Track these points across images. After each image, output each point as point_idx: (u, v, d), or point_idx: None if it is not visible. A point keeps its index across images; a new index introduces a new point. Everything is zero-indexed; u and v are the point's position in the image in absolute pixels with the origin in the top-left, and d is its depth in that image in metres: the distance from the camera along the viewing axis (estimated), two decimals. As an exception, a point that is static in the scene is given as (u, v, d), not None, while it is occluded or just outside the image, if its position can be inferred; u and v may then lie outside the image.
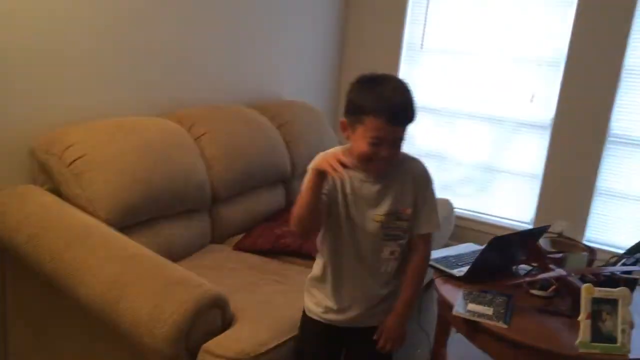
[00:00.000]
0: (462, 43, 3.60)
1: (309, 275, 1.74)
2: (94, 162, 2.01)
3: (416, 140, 3.75)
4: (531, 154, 3.51)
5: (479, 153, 3.68)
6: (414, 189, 1.62)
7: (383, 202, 1.59)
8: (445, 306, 1.95)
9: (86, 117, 2.23)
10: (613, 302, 1.72)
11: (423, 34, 3.70)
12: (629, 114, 3.19)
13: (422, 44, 3.72)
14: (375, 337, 1.65)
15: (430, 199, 1.66)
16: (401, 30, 3.75)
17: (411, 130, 1.56)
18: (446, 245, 2.75)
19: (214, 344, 1.67)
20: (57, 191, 2.07)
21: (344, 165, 1.39)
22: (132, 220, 2.08)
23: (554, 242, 2.46)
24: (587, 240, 3.33)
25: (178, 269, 1.77)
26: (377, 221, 1.59)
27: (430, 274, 2.29)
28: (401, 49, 3.78)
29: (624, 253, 2.66)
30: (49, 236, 1.86)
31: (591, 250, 2.31)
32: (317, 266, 1.71)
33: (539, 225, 3.34)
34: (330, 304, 1.66)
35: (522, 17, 3.40)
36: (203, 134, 2.49)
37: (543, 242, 2.39)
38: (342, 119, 1.56)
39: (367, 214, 1.59)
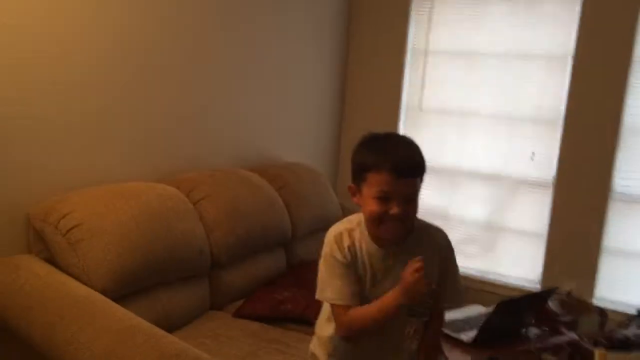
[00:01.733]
0: (461, 103, 3.63)
1: (314, 351, 1.63)
2: (90, 231, 1.97)
3: (419, 200, 3.71)
4: (534, 213, 3.47)
5: (482, 212, 3.64)
6: (440, 261, 1.53)
7: None
8: (454, 374, 1.88)
9: (84, 183, 2.22)
10: (629, 368, 1.66)
11: (421, 95, 3.75)
12: (632, 172, 3.17)
13: (420, 106, 3.75)
14: None
15: (456, 272, 1.59)
16: (400, 93, 3.80)
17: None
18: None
19: (212, 423, 1.59)
20: (52, 260, 2.03)
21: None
22: (128, 289, 2.03)
23: (562, 303, 2.40)
24: (596, 299, 3.25)
25: (174, 341, 1.70)
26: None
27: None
28: (400, 110, 3.82)
29: (637, 313, 2.60)
30: (42, 308, 1.80)
31: (602, 312, 2.25)
32: (328, 343, 1.59)
33: (545, 284, 3.28)
34: None
35: (519, 77, 3.44)
36: (202, 199, 2.46)
37: (553, 305, 2.33)
38: (350, 184, 1.49)
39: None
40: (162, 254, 2.12)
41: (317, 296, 1.51)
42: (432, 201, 3.71)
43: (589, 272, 3.27)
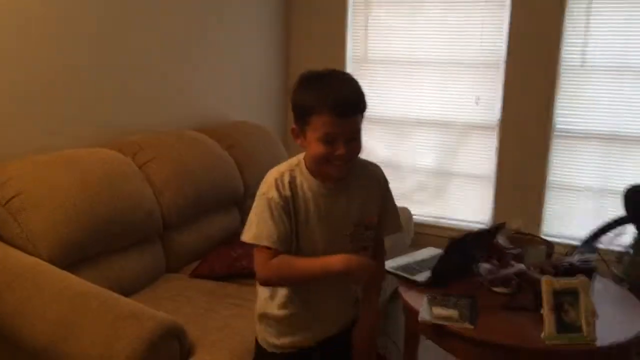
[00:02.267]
0: (405, 52, 3.64)
1: (261, 309, 1.58)
2: (32, 199, 1.90)
3: (368, 151, 3.74)
4: (482, 156, 3.55)
5: (431, 159, 3.70)
6: (380, 194, 1.58)
7: (350, 213, 1.51)
8: (411, 313, 1.92)
9: (21, 153, 2.12)
10: (574, 293, 1.72)
11: (366, 46, 3.73)
12: (571, 108, 3.27)
13: (365, 56, 3.74)
14: (353, 352, 1.58)
15: (393, 201, 1.64)
16: (345, 44, 3.77)
17: (363, 140, 1.48)
18: (407, 252, 2.73)
19: (172, 378, 1.59)
20: (-7, 233, 1.96)
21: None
22: (77, 256, 1.97)
23: (512, 239, 2.47)
24: (544, 235, 3.37)
25: (129, 303, 1.68)
26: (347, 234, 1.50)
27: (394, 282, 2.26)
28: (346, 62, 3.79)
29: (581, 244, 2.71)
30: (-13, 280, 1.74)
31: (548, 244, 2.33)
32: (274, 297, 1.55)
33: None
34: (299, 331, 1.55)
35: (460, 22, 3.46)
36: (148, 161, 2.40)
37: (501, 240, 2.39)
38: (293, 126, 1.47)
39: (336, 229, 1.49)
40: (110, 218, 2.07)
41: (244, 237, 1.46)
42: (382, 151, 3.75)
43: (535, 208, 3.39)
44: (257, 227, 1.43)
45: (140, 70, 2.72)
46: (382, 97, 3.73)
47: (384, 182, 1.61)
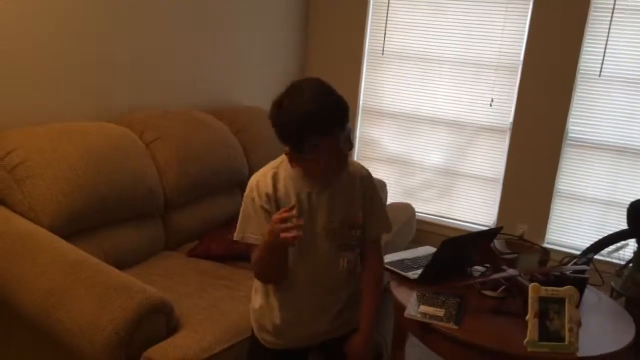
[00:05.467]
0: (422, 49, 3.62)
1: (255, 307, 1.63)
2: (37, 168, 1.95)
3: (378, 145, 3.78)
4: (492, 158, 3.54)
5: (440, 157, 3.69)
6: (362, 192, 1.59)
7: (334, 211, 1.53)
8: (400, 309, 1.94)
9: (30, 121, 2.17)
10: (560, 301, 1.72)
11: (384, 40, 3.72)
12: (585, 117, 3.24)
13: (383, 50, 3.73)
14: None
15: (379, 200, 1.64)
16: (363, 36, 3.76)
17: (373, 134, 1.50)
18: (406, 249, 2.74)
19: (155, 351, 1.63)
20: (-2, 198, 2.01)
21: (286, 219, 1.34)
22: (77, 226, 2.02)
23: (509, 244, 2.47)
24: (548, 243, 3.36)
25: (120, 275, 1.72)
26: (330, 230, 1.53)
27: (386, 277, 2.27)
28: (363, 55, 3.79)
29: (579, 254, 2.70)
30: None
31: (545, 251, 2.32)
32: (264, 294, 1.59)
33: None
34: (289, 327, 1.58)
35: (480, 23, 3.43)
36: (155, 139, 2.44)
37: (499, 244, 2.39)
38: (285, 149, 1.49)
39: (319, 226, 1.53)
40: (110, 192, 2.11)
41: (235, 236, 1.54)
42: (392, 146, 3.75)
43: (541, 215, 3.37)
44: (241, 226, 1.53)
45: (153, 48, 2.75)
46: (396, 92, 3.73)
47: (367, 180, 1.61)
